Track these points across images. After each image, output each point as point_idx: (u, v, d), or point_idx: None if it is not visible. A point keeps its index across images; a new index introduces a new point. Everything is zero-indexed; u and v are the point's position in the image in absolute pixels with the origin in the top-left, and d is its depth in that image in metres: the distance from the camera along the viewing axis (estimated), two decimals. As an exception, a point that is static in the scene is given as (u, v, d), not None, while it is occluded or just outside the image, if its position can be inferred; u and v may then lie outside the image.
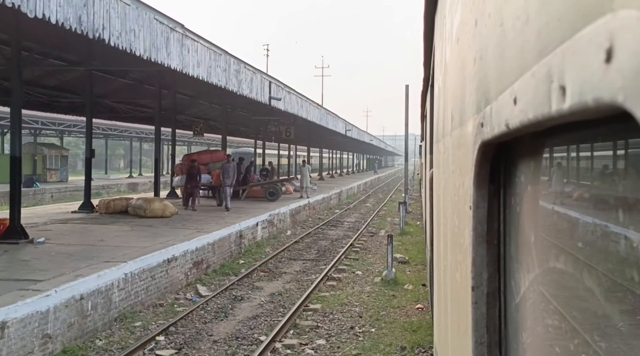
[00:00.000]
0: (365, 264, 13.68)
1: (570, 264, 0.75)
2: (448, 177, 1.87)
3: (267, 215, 16.74)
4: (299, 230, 19.40)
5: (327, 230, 19.71)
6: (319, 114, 26.66)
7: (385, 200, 33.64)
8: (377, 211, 26.71)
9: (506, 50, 0.85)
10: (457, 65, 1.61)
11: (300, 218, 21.05)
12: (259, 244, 15.31)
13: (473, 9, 1.22)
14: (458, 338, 1.48)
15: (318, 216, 23.48)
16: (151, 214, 14.92)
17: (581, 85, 0.49)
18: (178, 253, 10.35)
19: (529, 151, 0.92)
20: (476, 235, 1.10)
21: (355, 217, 24.29)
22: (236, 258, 13.41)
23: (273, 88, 17.65)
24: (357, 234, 18.21)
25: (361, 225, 20.77)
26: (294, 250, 15.37)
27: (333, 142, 49.02)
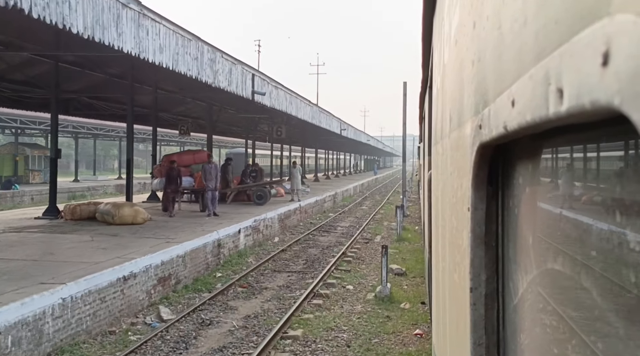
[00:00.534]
0: (357, 276, 12.31)
1: (568, 265, 0.75)
2: (446, 179, 1.88)
3: (252, 221, 15.23)
4: (287, 236, 17.70)
5: (318, 236, 18.01)
6: (311, 112, 24.83)
7: (383, 202, 32.22)
8: (373, 214, 25.25)
9: (504, 52, 0.85)
10: (455, 67, 1.61)
11: (290, 222, 19.58)
12: (241, 254, 13.78)
13: (471, 11, 1.22)
14: (457, 339, 1.48)
15: (310, 221, 22.03)
16: (120, 221, 13.32)
17: (578, 88, 0.49)
18: (138, 269, 8.87)
19: (526, 153, 0.92)
20: (474, 237, 1.10)
21: (349, 221, 22.78)
22: (213, 271, 11.91)
23: (257, 82, 15.67)
24: (351, 241, 16.70)
25: (355, 230, 19.32)
26: (280, 260, 13.82)
27: (329, 143, 47.84)
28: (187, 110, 23.63)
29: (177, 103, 21.96)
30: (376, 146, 68.11)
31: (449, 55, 1.85)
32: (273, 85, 17.88)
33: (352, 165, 75.70)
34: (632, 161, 0.57)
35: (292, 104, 20.85)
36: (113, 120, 24.79)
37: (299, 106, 22.06)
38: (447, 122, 1.89)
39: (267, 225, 16.80)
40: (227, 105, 21.28)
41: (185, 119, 24.31)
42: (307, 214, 22.65)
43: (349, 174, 63.11)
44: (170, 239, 11.26)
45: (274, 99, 18.01)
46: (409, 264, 13.54)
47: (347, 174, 62.25)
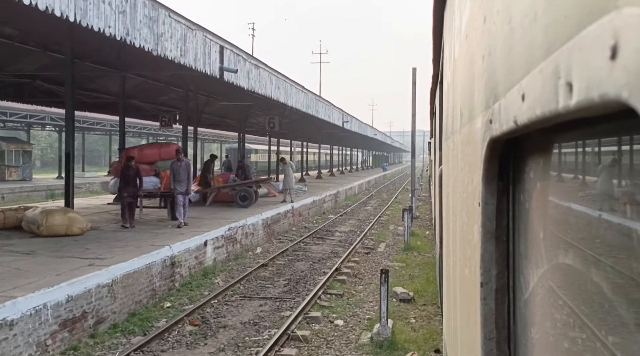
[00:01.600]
0: (351, 304, 9.48)
1: (579, 260, 0.75)
2: (457, 174, 1.88)
3: (226, 229, 12.62)
4: (274, 246, 15.07)
5: (310, 245, 15.34)
6: (306, 100, 21.40)
7: (390, 202, 29.34)
8: (378, 215, 22.54)
9: (514, 47, 0.85)
10: (466, 62, 1.61)
11: (279, 228, 17.00)
12: (207, 273, 11.03)
13: (482, 6, 1.22)
14: (467, 334, 1.49)
15: (305, 225, 19.37)
16: (49, 231, 10.53)
17: (587, 82, 0.49)
18: (19, 314, 6.15)
19: (537, 147, 0.92)
20: (485, 231, 1.10)
21: (350, 225, 20.00)
22: (162, 299, 9.16)
23: (227, 56, 12.42)
24: (349, 251, 13.90)
25: (356, 237, 16.62)
26: (256, 280, 11.04)
27: (333, 138, 44.74)
28: (171, 100, 20.92)
29: (159, 91, 19.27)
30: (384, 141, 65.58)
31: (460, 50, 1.85)
32: (252, 63, 14.57)
33: (361, 161, 73.52)
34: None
35: (280, 88, 17.38)
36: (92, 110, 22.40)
37: (289, 92, 18.63)
38: (458, 117, 1.89)
39: (248, 233, 14.09)
40: (202, 90, 18.72)
41: (172, 111, 21.78)
42: (302, 217, 20.01)
43: (356, 170, 60.74)
44: (100, 259, 8.59)
45: (254, 80, 14.59)
46: (418, 285, 10.65)
47: (354, 170, 60.07)
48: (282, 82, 17.79)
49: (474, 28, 1.38)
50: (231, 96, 19.06)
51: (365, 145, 66.05)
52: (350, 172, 53.91)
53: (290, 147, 38.58)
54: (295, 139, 38.04)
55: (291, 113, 23.81)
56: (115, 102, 18.33)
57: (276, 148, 31.66)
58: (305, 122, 28.60)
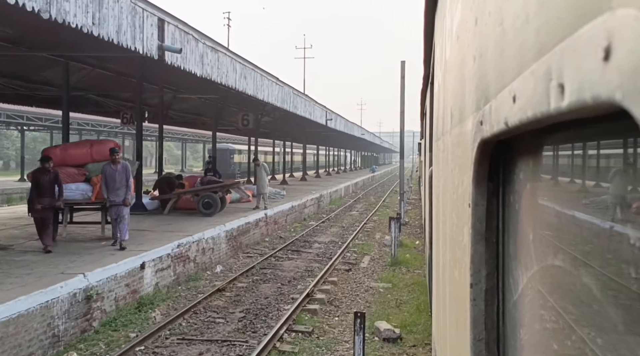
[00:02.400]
0: (321, 346, 7.39)
1: (568, 262, 0.75)
2: (447, 175, 1.89)
3: (174, 246, 10.22)
4: (239, 262, 12.72)
5: (283, 260, 13.07)
6: (281, 94, 18.76)
7: (377, 205, 27.14)
8: (364, 222, 20.32)
9: (506, 48, 0.85)
10: (457, 63, 1.62)
11: (248, 239, 14.63)
12: (143, 304, 8.60)
13: (473, 7, 1.22)
14: (457, 335, 1.49)
15: (280, 234, 17.15)
16: None
17: (580, 83, 0.49)
18: None
19: (527, 149, 0.93)
20: (475, 233, 1.11)
21: (332, 233, 17.67)
22: (70, 345, 6.98)
23: (170, 33, 9.86)
24: (327, 267, 11.75)
25: (337, 249, 14.47)
26: (206, 312, 8.72)
27: (319, 137, 42.14)
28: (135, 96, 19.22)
29: (118, 84, 16.88)
30: (372, 141, 62.78)
31: (451, 52, 1.85)
32: (208, 45, 11.92)
33: (349, 162, 70.76)
34: (633, 157, 0.58)
35: (248, 79, 14.71)
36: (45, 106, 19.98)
37: (259, 84, 15.83)
38: (449, 119, 1.90)
39: (205, 249, 11.72)
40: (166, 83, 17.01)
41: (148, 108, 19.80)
42: (278, 225, 17.77)
43: (343, 172, 57.93)
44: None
45: (210, 66, 11.89)
46: (406, 316, 8.49)
47: (342, 172, 57.27)
48: (250, 71, 14.99)
49: (465, 29, 1.38)
50: (201, 89, 17.02)
51: (354, 145, 63.88)
52: (338, 174, 51.58)
53: (273, 147, 36.47)
54: (278, 139, 35.80)
55: (273, 111, 22.33)
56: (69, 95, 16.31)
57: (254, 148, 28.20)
58: (288, 120, 26.79)
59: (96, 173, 10.66)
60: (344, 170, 60.47)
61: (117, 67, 15.03)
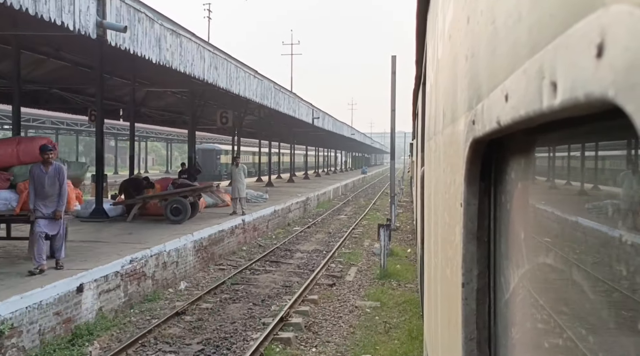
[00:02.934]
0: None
1: (559, 261, 0.75)
2: (439, 175, 1.89)
3: (125, 262, 8.73)
4: (209, 276, 11.30)
5: (259, 274, 11.63)
6: (260, 89, 16.74)
7: (367, 208, 25.70)
8: (352, 227, 19.05)
9: (498, 47, 0.85)
10: (449, 62, 1.62)
11: (222, 249, 13.23)
12: (79, 335, 7.17)
13: (465, 7, 1.22)
14: (448, 334, 1.49)
15: (259, 242, 15.67)
16: None
17: (572, 81, 0.49)
18: None
19: (520, 148, 0.93)
20: (467, 232, 1.11)
21: (317, 241, 16.29)
22: None
23: (114, 8, 8.13)
24: (308, 282, 10.49)
25: (320, 259, 13.15)
26: (157, 343, 7.30)
27: (307, 137, 40.45)
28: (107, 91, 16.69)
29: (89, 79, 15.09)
30: (363, 142, 60.35)
31: (443, 51, 1.85)
32: (167, 27, 10.07)
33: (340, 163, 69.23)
34: (625, 156, 0.58)
35: (219, 69, 12.87)
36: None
37: (233, 75, 13.91)
38: (441, 118, 1.90)
39: (167, 263, 10.16)
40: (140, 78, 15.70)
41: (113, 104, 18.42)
42: (258, 231, 16.38)
43: (333, 173, 56.13)
44: None
45: (170, 52, 10.16)
46: (397, 345, 7.31)
47: (332, 173, 55.63)
48: (222, 61, 13.06)
49: (457, 29, 1.38)
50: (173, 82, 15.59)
51: (344, 146, 62.36)
52: (328, 175, 50.00)
53: (259, 147, 34.67)
54: (264, 139, 33.84)
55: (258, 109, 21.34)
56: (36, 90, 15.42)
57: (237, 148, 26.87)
58: (275, 119, 25.68)
59: (24, 178, 8.47)
60: (334, 171, 58.91)
61: (73, 56, 13.71)
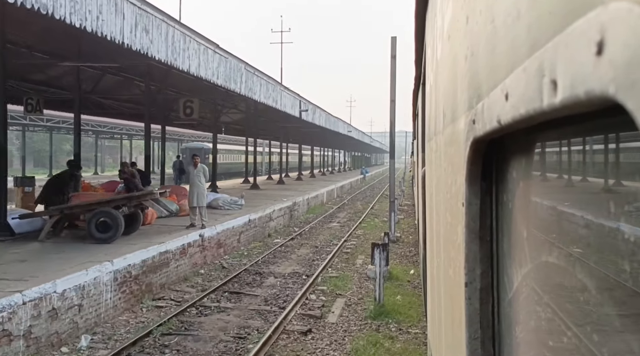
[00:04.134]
0: None
1: (563, 259, 0.75)
2: (440, 174, 1.89)
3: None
4: (135, 320, 8.20)
5: (208, 314, 8.57)
6: (224, 69, 13.08)
7: (364, 214, 22.70)
8: (344, 238, 16.05)
9: (497, 46, 0.85)
10: (448, 62, 1.62)
11: (166, 277, 10.07)
12: None
13: (464, 6, 1.23)
14: (452, 334, 1.49)
15: (224, 262, 12.35)
16: None
17: (572, 78, 0.49)
18: None
19: (520, 147, 0.93)
20: (469, 232, 1.11)
21: (298, 259, 13.14)
22: None
23: None
24: (273, 328, 7.57)
25: (297, 287, 10.17)
26: None
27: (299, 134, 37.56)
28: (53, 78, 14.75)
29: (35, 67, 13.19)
30: (362, 140, 56.20)
31: (442, 51, 1.86)
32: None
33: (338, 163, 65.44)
34: (627, 151, 0.57)
35: (153, 33, 9.49)
36: None
37: (178, 46, 10.54)
38: (441, 118, 1.90)
39: (57, 310, 7.03)
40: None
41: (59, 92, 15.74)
42: (225, 248, 13.21)
43: (330, 173, 52.79)
44: None
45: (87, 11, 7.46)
46: None
47: (329, 173, 52.32)
48: (158, 23, 9.79)
49: (456, 28, 1.38)
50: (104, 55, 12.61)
51: (342, 145, 58.74)
52: (324, 176, 46.70)
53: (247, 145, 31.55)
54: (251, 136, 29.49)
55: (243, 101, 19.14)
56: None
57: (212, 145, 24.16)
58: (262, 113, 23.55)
59: None
60: (331, 172, 55.58)
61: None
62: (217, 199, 16.54)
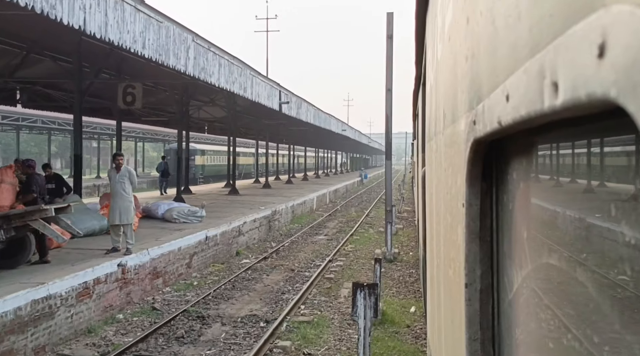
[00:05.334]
0: None
1: (562, 260, 0.75)
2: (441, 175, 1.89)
3: None
4: None
5: None
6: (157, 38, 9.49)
7: (358, 223, 19.56)
8: (330, 256, 12.88)
9: (498, 47, 0.85)
10: (448, 63, 1.62)
11: (49, 337, 6.79)
12: None
13: (465, 7, 1.23)
14: (452, 335, 1.49)
15: (161, 298, 9.20)
16: None
17: (574, 81, 0.49)
18: None
19: (521, 148, 0.93)
20: (469, 232, 1.11)
21: (263, 290, 9.99)
22: None
23: None
24: None
25: (248, 344, 7.09)
26: None
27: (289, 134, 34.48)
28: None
29: None
30: (359, 140, 51.80)
31: (443, 52, 1.86)
32: None
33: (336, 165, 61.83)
34: (626, 155, 0.58)
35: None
36: None
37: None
38: (441, 119, 1.90)
39: None
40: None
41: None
42: (164, 278, 9.96)
43: (325, 176, 49.28)
44: None
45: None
46: None
47: (325, 176, 49.05)
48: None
49: (456, 29, 1.39)
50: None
51: (338, 145, 55.05)
52: (318, 178, 43.02)
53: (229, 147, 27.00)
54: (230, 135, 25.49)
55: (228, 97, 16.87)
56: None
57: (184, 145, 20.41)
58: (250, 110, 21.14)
59: None
60: (327, 174, 51.79)
61: None
62: (171, 210, 13.38)
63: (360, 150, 74.61)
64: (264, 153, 33.31)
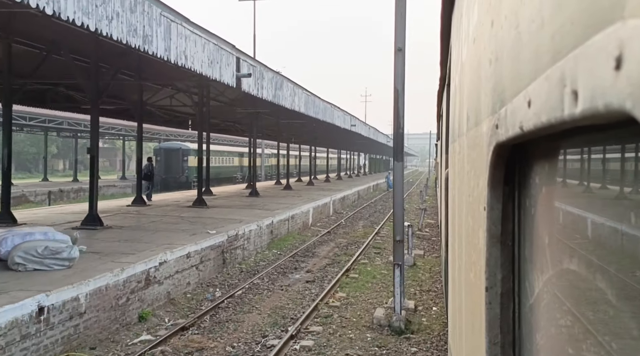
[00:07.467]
0: None
1: (584, 265, 0.75)
2: (463, 177, 1.89)
3: None
4: None
5: None
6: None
7: (364, 246, 14.70)
8: (299, 321, 7.95)
9: (521, 52, 0.85)
10: (473, 65, 1.61)
11: None
12: None
13: (490, 10, 1.22)
14: (472, 338, 1.49)
15: None
16: None
17: (592, 90, 0.49)
18: None
19: (543, 153, 0.92)
20: (490, 236, 1.10)
21: None
22: None
23: None
24: None
25: None
26: None
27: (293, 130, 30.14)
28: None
29: None
30: (375, 139, 44.29)
31: (467, 54, 1.85)
32: None
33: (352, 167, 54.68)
34: None
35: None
36: None
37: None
38: (464, 121, 1.89)
39: None
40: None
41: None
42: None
43: (338, 179, 43.73)
44: None
45: None
46: None
47: (337, 179, 43.77)
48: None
49: (481, 32, 1.38)
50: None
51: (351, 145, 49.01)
52: (328, 182, 38.04)
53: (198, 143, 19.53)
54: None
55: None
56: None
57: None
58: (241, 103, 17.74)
59: None
60: (339, 177, 45.63)
61: None
62: (17, 248, 7.75)
63: (381, 151, 68.27)
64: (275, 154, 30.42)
